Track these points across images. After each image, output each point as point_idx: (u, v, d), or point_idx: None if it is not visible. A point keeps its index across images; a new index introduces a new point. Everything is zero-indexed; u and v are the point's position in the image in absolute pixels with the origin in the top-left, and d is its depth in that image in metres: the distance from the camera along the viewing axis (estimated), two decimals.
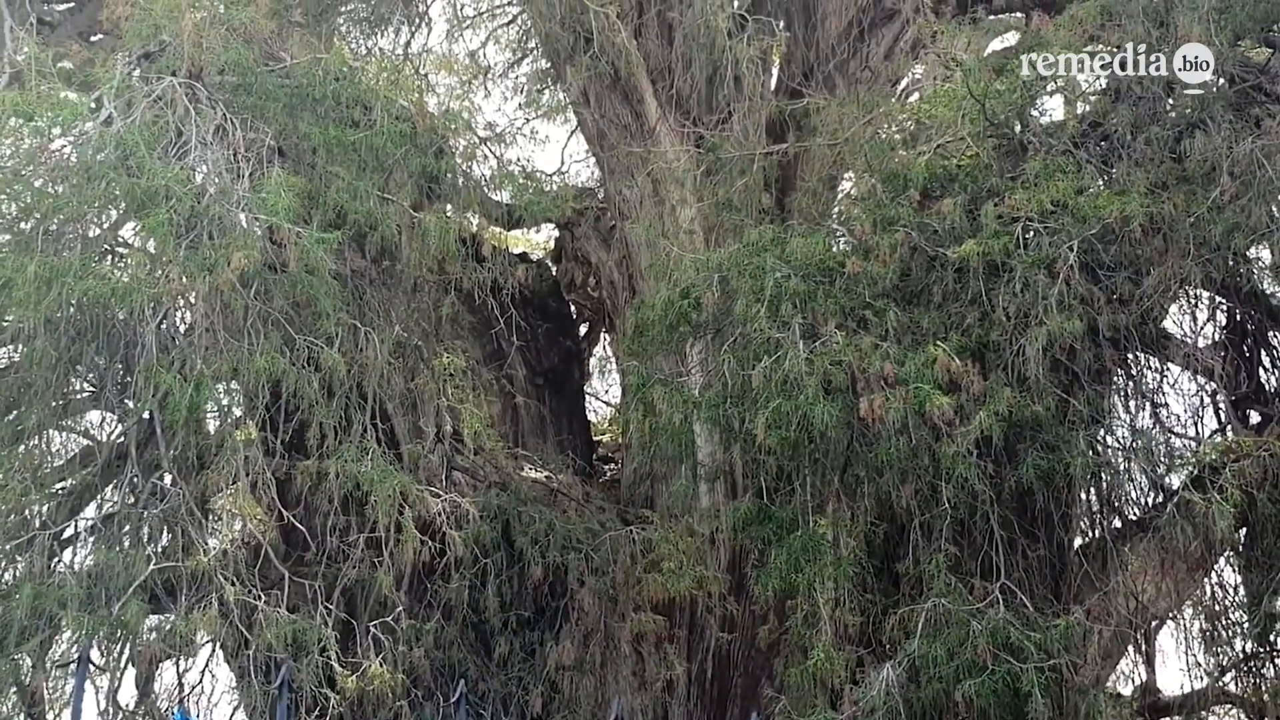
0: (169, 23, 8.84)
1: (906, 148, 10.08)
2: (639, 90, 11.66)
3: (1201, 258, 8.04)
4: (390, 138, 9.24)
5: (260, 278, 8.31)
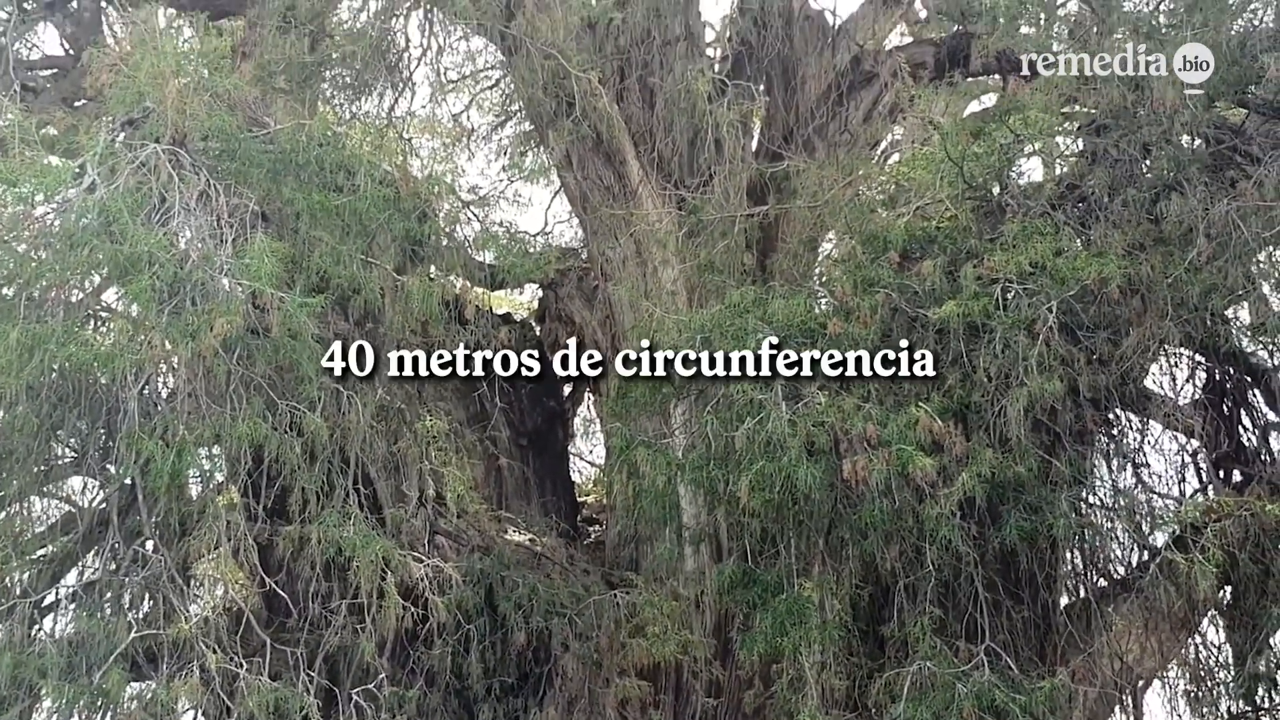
0: (153, 89, 8.86)
1: (886, 209, 10.19)
2: (621, 153, 11.74)
3: (1180, 318, 8.11)
4: (373, 202, 9.28)
5: (243, 343, 8.29)
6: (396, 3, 11.88)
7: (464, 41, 13.95)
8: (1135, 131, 8.72)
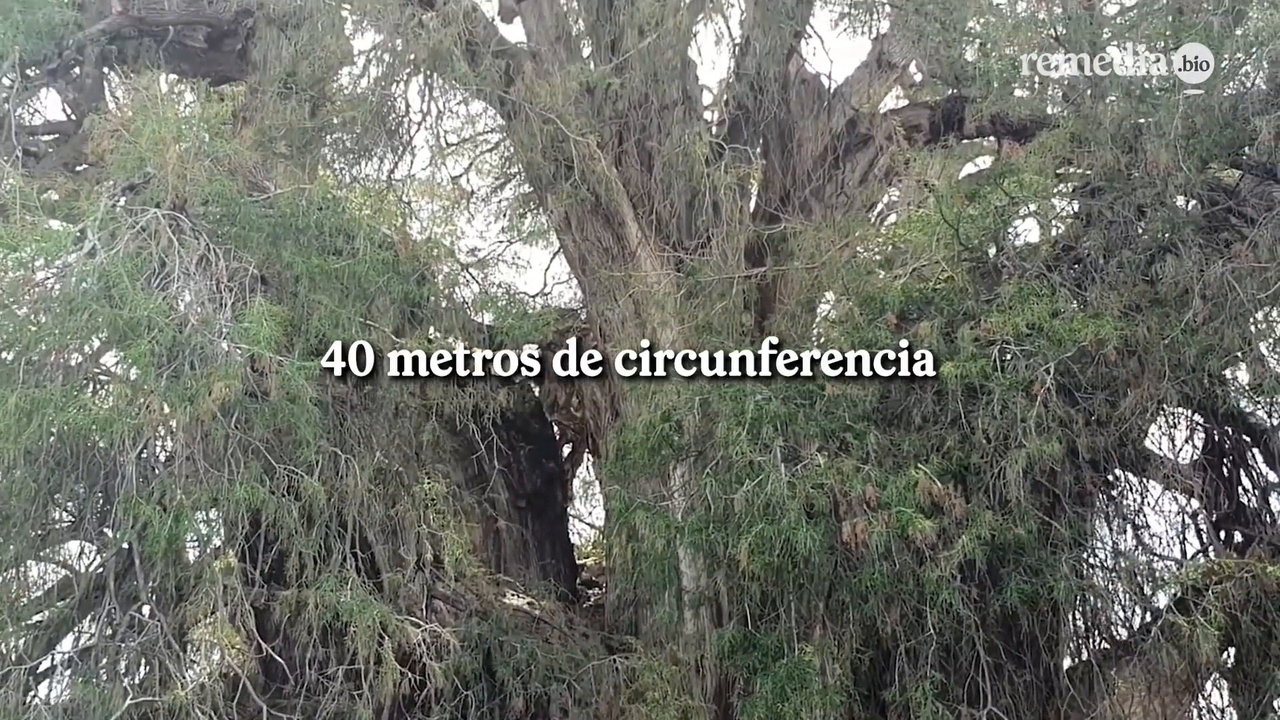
0: (154, 155, 8.93)
1: (883, 271, 10.24)
2: (620, 215, 11.81)
3: (1177, 379, 8.13)
4: (373, 266, 9.32)
5: (241, 406, 8.28)
6: (397, 69, 12.00)
7: (463, 106, 14.07)
8: (1129, 193, 8.77)
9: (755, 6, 11.60)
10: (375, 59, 12.10)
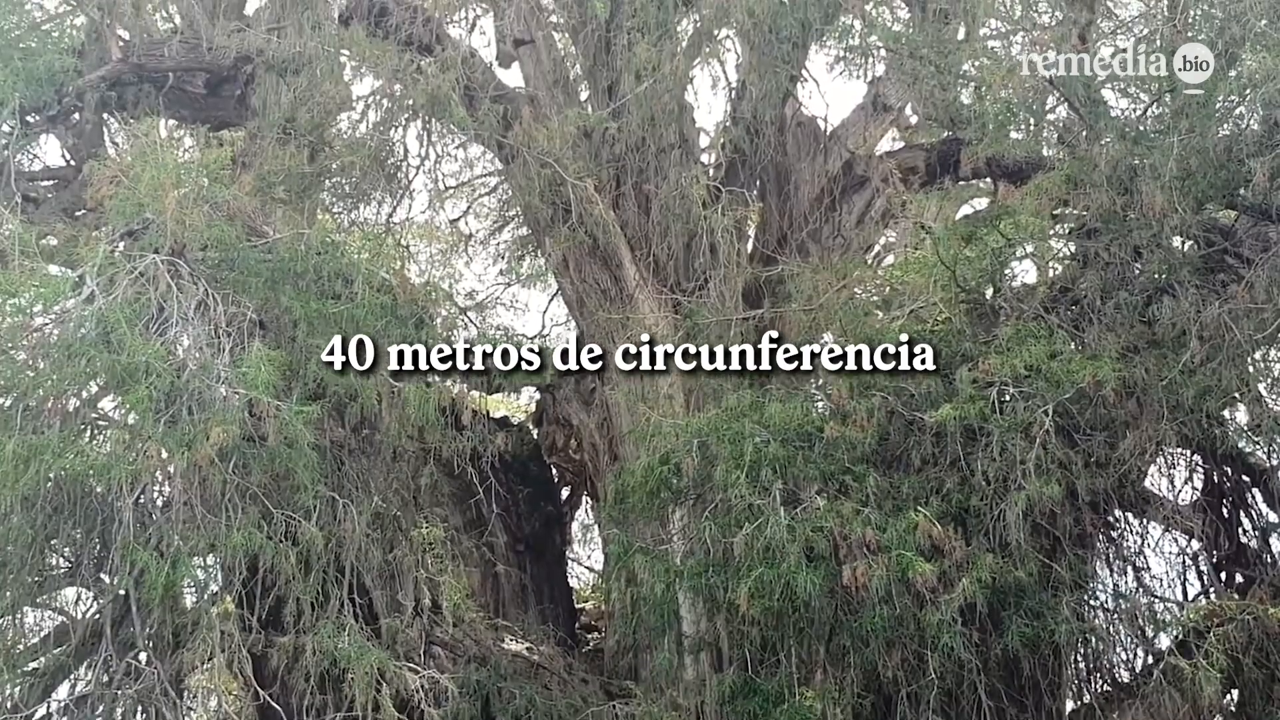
0: (153, 201, 8.96)
1: (881, 312, 10.25)
2: (618, 257, 11.84)
3: (1176, 420, 8.13)
4: (371, 310, 9.32)
5: (239, 451, 8.27)
6: (395, 114, 12.08)
7: (461, 150, 14.17)
8: (1126, 235, 8.80)
9: (751, 51, 11.67)
10: (374, 104, 12.20)
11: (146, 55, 11.59)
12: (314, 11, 11.52)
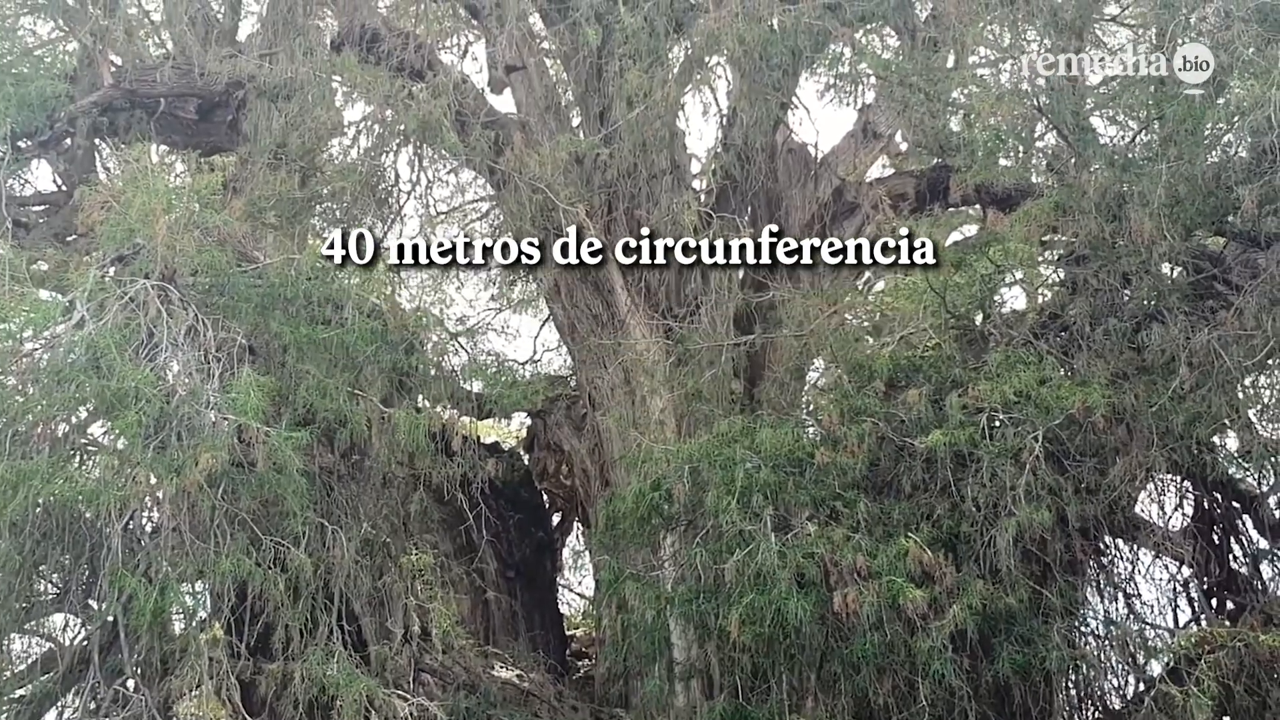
0: (143, 226, 8.97)
1: (871, 338, 10.26)
2: (609, 282, 11.84)
3: (1165, 446, 8.14)
4: (361, 335, 9.33)
5: (228, 477, 8.27)
6: (387, 139, 12.09)
7: (453, 175, 14.18)
8: (1115, 261, 8.82)
9: (742, 79, 11.70)
10: (365, 129, 12.22)
11: (138, 81, 11.63)
12: (306, 38, 11.57)
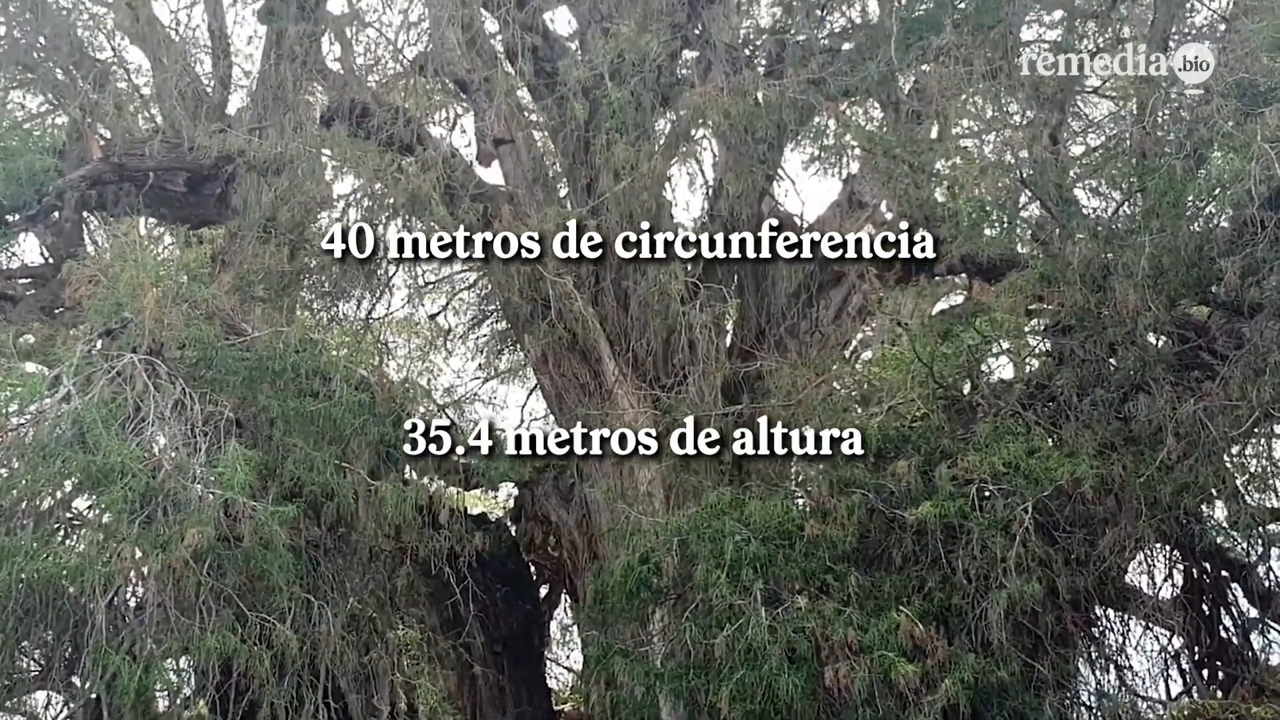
0: (131, 300, 8.98)
1: (859, 408, 10.27)
2: (597, 352, 11.86)
3: (1154, 517, 8.14)
4: (348, 408, 9.31)
5: (214, 553, 8.20)
6: (376, 213, 12.15)
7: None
8: (1100, 332, 8.87)
9: (727, 151, 11.83)
10: (355, 203, 12.27)
11: (128, 155, 11.67)
12: (296, 113, 11.65)
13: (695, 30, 11.62)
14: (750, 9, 12.83)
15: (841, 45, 12.02)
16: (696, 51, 11.88)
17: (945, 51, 10.54)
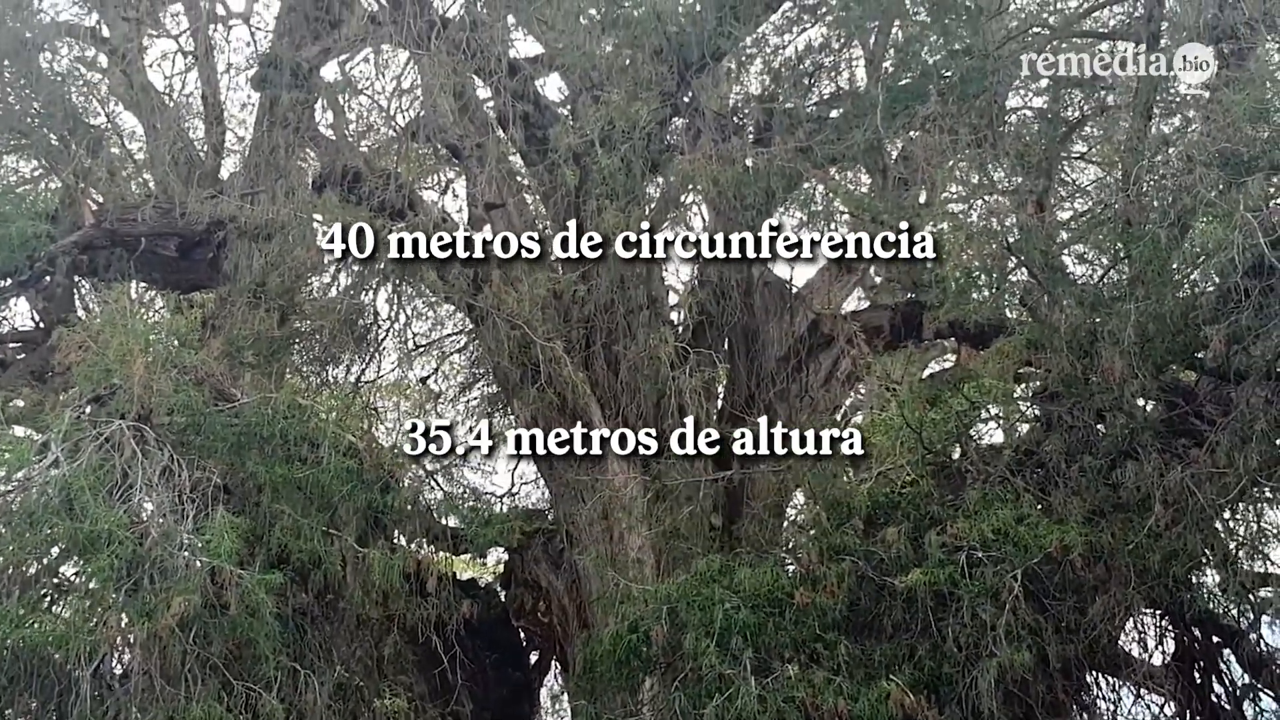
0: (120, 366, 8.98)
1: (849, 474, 10.28)
2: (587, 415, 11.85)
3: (1144, 584, 8.13)
4: (337, 474, 9.29)
5: (200, 621, 8.14)
6: (366, 278, 12.20)
7: (431, 309, 14.28)
8: (1088, 398, 8.90)
9: (717, 217, 11.91)
10: (345, 267, 12.31)
11: (120, 220, 11.71)
12: (288, 179, 11.72)
13: (684, 98, 11.73)
14: (739, 77, 12.97)
15: (829, 113, 12.15)
16: (686, 119, 12.01)
17: (931, 120, 10.67)
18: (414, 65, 13.44)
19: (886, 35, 12.38)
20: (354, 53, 13.81)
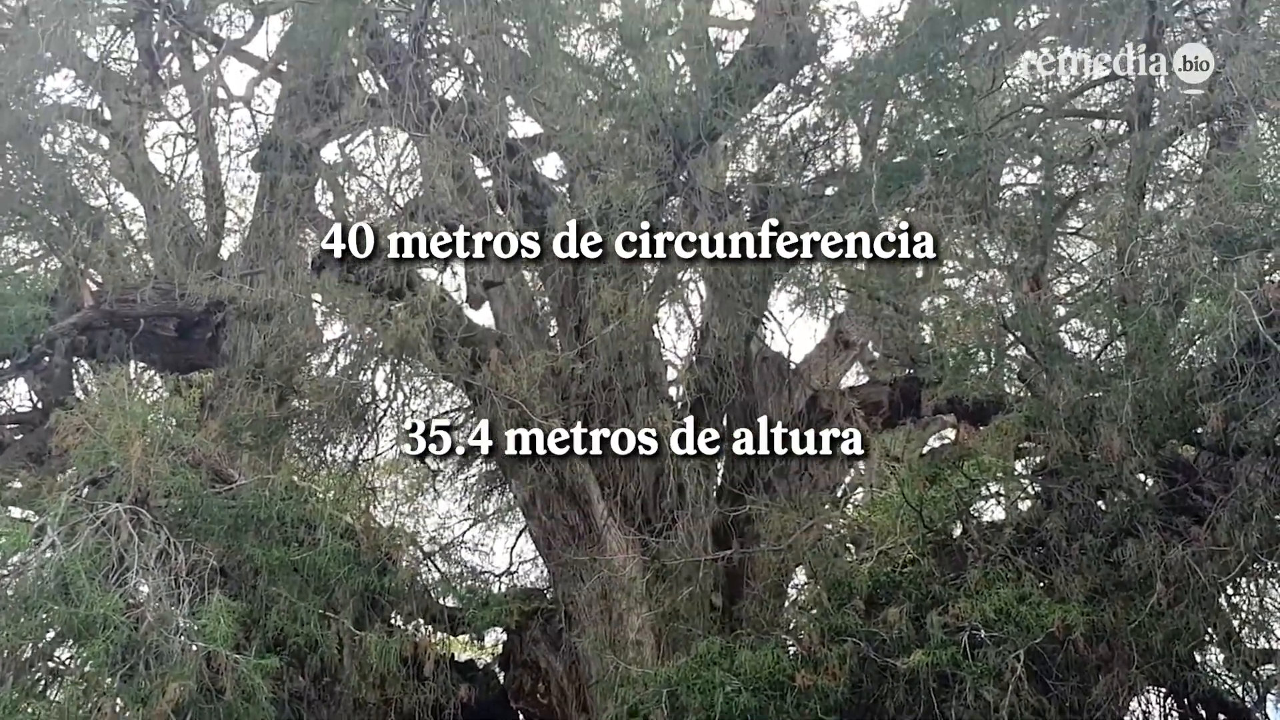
0: (118, 449, 8.96)
1: (851, 551, 10.23)
2: (586, 494, 11.83)
3: (1147, 663, 8.07)
4: (334, 557, 9.25)
5: (195, 706, 8.06)
6: (365, 357, 12.22)
7: (430, 388, 14.28)
8: (1088, 476, 8.89)
9: (714, 294, 11.96)
10: (344, 347, 12.34)
11: (119, 301, 11.74)
12: (287, 260, 11.77)
13: (681, 177, 11.82)
14: (734, 156, 13.10)
15: (824, 190, 12.24)
16: (682, 198, 12.10)
17: (926, 197, 10.74)
18: (413, 146, 13.57)
19: (880, 114, 12.50)
20: (354, 134, 13.95)
